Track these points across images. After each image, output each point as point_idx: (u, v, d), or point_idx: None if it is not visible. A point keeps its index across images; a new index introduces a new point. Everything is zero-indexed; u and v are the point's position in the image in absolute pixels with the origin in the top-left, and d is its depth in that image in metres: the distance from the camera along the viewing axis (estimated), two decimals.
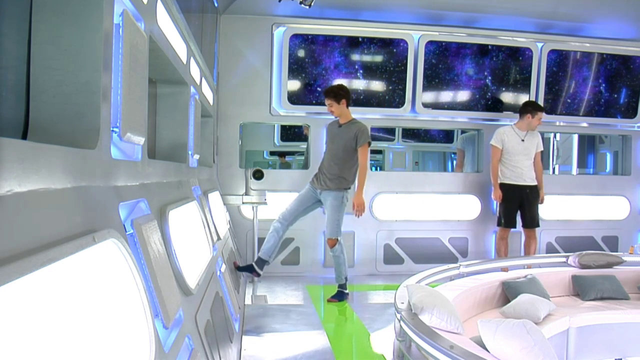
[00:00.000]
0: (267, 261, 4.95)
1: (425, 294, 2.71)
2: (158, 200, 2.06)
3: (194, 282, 2.22)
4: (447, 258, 6.08)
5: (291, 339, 3.88)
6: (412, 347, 2.46)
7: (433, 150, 9.56)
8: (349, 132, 4.83)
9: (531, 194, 5.75)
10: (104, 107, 1.48)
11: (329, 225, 4.87)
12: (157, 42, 2.26)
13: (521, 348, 2.33)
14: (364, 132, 4.80)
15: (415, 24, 6.09)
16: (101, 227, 1.25)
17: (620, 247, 6.63)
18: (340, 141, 4.86)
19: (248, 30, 5.92)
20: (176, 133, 3.05)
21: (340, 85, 5.01)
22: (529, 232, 5.80)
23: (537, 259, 5.07)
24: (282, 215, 4.94)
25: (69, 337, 0.98)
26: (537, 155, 5.82)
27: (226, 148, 5.96)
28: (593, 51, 6.59)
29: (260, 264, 4.93)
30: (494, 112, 6.45)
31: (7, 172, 0.91)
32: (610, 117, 6.77)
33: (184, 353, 1.72)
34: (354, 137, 4.79)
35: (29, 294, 0.87)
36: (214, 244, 3.26)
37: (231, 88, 5.92)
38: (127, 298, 1.31)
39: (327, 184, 4.85)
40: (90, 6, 1.44)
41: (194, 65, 3.41)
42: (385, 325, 4.10)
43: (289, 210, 4.95)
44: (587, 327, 3.66)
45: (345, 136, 4.84)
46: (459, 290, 3.37)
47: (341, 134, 4.88)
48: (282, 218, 4.93)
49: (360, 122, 4.95)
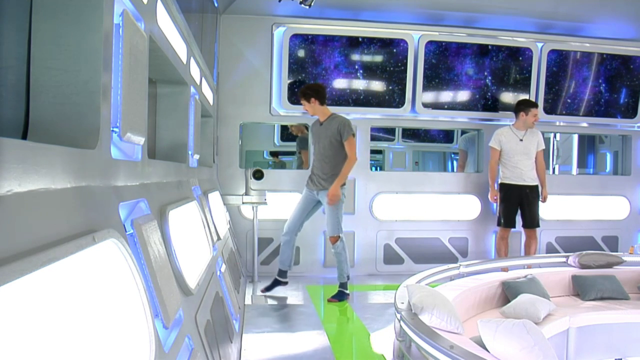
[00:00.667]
0: (287, 271, 5.08)
1: (425, 294, 2.71)
2: (158, 200, 2.06)
3: (194, 282, 2.22)
4: (447, 258, 6.08)
5: (291, 339, 3.88)
6: (412, 347, 2.47)
7: (433, 150, 9.56)
8: (331, 129, 4.86)
9: (531, 194, 5.75)
10: (104, 107, 1.48)
11: (330, 224, 4.90)
12: (157, 42, 2.26)
13: (521, 348, 2.33)
14: (346, 125, 4.82)
15: (415, 24, 6.09)
16: (101, 227, 1.25)
17: (620, 247, 6.62)
18: (325, 139, 4.88)
19: (248, 30, 5.92)
20: (176, 133, 3.05)
21: (310, 84, 5.03)
22: (529, 232, 5.80)
23: (537, 259, 5.07)
24: (288, 227, 5.02)
25: (69, 337, 0.98)
26: (539, 155, 5.81)
27: (226, 148, 5.96)
28: (593, 51, 6.59)
29: (282, 274, 5.07)
30: (494, 112, 6.45)
31: (7, 172, 0.91)
32: (610, 117, 6.77)
33: (184, 353, 1.72)
34: (337, 132, 4.82)
35: (29, 294, 0.87)
36: (214, 244, 3.26)
37: (231, 88, 5.92)
38: (127, 298, 1.31)
39: (323, 184, 4.88)
40: (90, 6, 1.44)
41: (194, 65, 3.41)
42: (385, 325, 4.10)
43: (292, 220, 5.02)
44: (587, 327, 3.66)
45: (328, 133, 4.86)
46: (459, 290, 3.37)
47: (324, 131, 4.90)
48: (289, 230, 5.01)
49: (340, 116, 4.98)
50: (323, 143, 4.90)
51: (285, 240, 5.03)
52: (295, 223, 5.01)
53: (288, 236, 5.02)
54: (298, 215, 5.02)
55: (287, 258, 5.04)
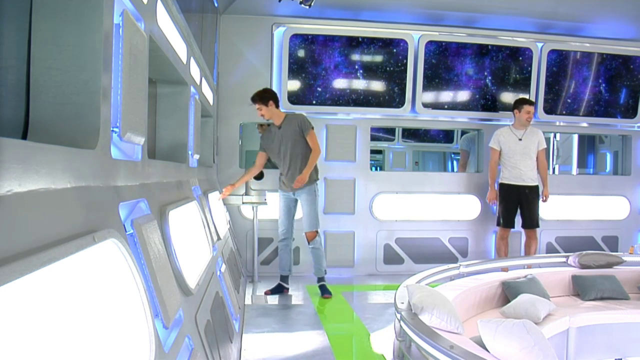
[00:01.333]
0: (288, 275, 5.18)
1: (425, 294, 2.71)
2: (158, 200, 2.06)
3: (194, 282, 2.22)
4: (447, 258, 6.08)
5: (291, 339, 3.88)
6: (412, 347, 2.47)
7: (433, 150, 9.55)
8: (291, 127, 4.94)
9: (530, 194, 5.74)
10: (104, 107, 1.48)
11: (307, 219, 5.01)
12: (157, 42, 2.26)
13: (521, 348, 2.33)
14: (303, 120, 4.96)
15: (415, 24, 6.09)
16: (101, 227, 1.25)
17: (620, 247, 6.63)
18: (288, 140, 4.95)
19: (248, 30, 5.92)
20: (176, 133, 3.05)
21: (263, 89, 5.08)
22: (529, 232, 5.80)
23: (537, 259, 5.06)
24: (281, 234, 5.13)
25: (70, 337, 0.98)
26: (540, 154, 5.79)
27: (226, 148, 5.96)
28: (593, 51, 6.59)
29: (284, 279, 5.18)
30: (494, 112, 6.45)
31: (7, 172, 0.91)
32: (610, 117, 6.77)
33: (184, 353, 1.72)
34: (298, 129, 4.92)
35: (29, 294, 0.87)
36: (214, 244, 3.26)
37: (231, 88, 5.92)
38: (127, 298, 1.31)
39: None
40: (90, 6, 1.44)
41: (194, 65, 3.41)
42: (385, 325, 4.10)
43: (283, 226, 5.13)
44: (587, 327, 3.65)
45: (290, 132, 4.94)
46: (459, 290, 3.37)
47: (284, 133, 4.97)
48: (282, 236, 5.12)
49: (295, 113, 5.13)
50: (286, 144, 4.97)
51: (282, 246, 5.14)
52: (287, 227, 5.12)
53: (285, 241, 5.13)
54: (286, 221, 5.12)
55: (286, 262, 5.14)
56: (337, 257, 6.07)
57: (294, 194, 5.05)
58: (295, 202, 5.13)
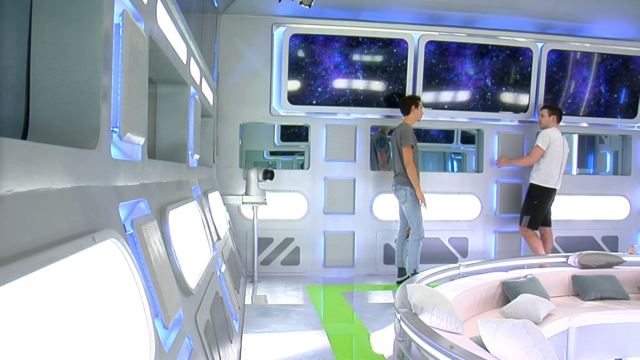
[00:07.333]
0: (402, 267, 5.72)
1: (425, 294, 2.71)
2: (158, 200, 2.06)
3: (194, 282, 2.22)
4: (447, 258, 6.08)
5: (291, 339, 3.88)
6: (412, 347, 2.47)
7: (433, 150, 9.55)
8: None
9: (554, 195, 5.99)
10: (104, 107, 1.48)
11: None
12: (157, 42, 2.26)
13: (521, 348, 2.33)
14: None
15: (415, 24, 6.09)
16: (101, 227, 1.25)
17: (620, 247, 6.63)
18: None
19: (248, 30, 5.92)
20: (176, 133, 3.05)
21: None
22: (550, 230, 6.00)
23: (537, 259, 5.06)
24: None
25: (69, 337, 0.98)
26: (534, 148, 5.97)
27: (226, 148, 5.96)
28: (593, 51, 6.59)
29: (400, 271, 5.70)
30: (494, 112, 6.45)
31: (7, 172, 0.91)
32: (610, 117, 6.77)
33: (184, 353, 1.72)
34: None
35: (29, 294, 0.87)
36: (214, 244, 3.26)
37: (231, 88, 5.92)
38: (127, 298, 1.31)
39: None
40: (90, 6, 1.44)
41: (194, 65, 3.41)
42: (385, 325, 4.10)
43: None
44: (587, 327, 3.66)
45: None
46: (459, 290, 3.37)
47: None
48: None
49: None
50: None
51: (397, 239, 5.77)
52: (400, 224, 5.72)
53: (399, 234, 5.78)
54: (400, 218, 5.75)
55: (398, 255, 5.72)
56: (337, 257, 6.07)
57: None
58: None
